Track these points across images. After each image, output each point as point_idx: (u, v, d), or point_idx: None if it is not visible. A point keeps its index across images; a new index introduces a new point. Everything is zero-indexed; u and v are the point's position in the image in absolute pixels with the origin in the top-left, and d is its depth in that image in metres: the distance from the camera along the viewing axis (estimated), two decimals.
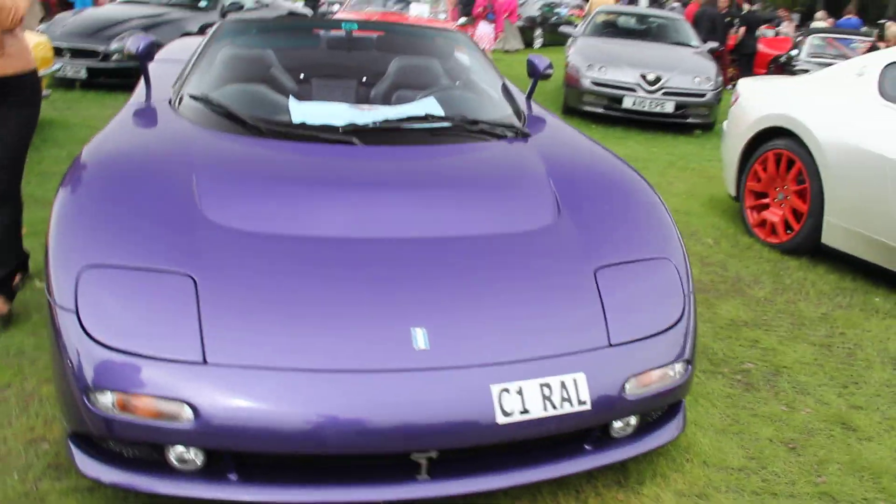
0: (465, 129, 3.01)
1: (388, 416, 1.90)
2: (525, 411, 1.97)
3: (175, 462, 1.94)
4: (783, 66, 10.73)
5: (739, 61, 11.91)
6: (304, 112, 3.01)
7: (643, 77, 8.01)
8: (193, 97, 3.05)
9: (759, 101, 4.86)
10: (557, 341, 2.12)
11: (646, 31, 9.81)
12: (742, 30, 11.75)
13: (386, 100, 3.41)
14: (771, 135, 4.67)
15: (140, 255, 2.11)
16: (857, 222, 4.07)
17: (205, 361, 1.90)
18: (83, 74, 7.90)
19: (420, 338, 2.02)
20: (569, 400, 2.02)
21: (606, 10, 10.49)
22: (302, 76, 3.47)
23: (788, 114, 4.48)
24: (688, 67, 8.19)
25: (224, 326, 1.96)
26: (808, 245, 4.41)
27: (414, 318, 2.07)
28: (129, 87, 3.70)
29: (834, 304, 3.93)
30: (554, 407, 2.00)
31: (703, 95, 8.06)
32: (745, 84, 5.23)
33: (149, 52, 3.31)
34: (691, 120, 8.16)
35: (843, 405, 2.95)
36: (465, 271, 2.26)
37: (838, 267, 4.40)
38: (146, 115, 3.03)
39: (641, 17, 10.30)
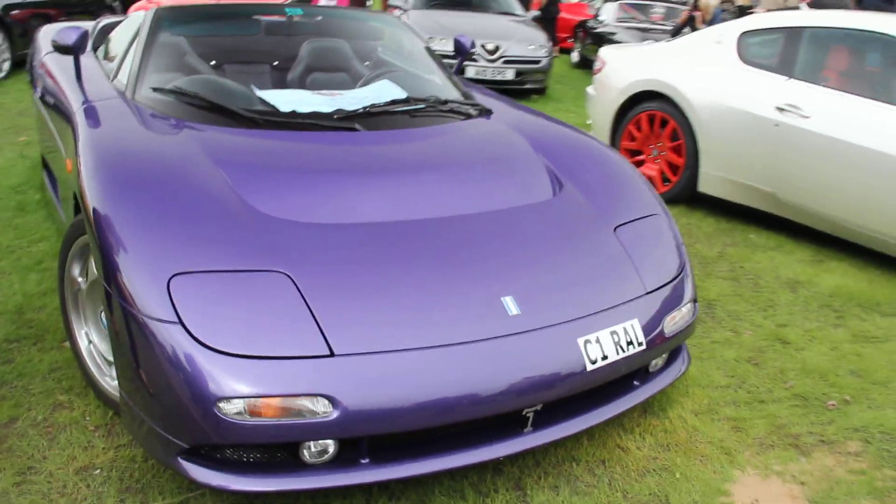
0: (437, 109, 3.14)
1: (502, 379, 2.06)
2: (605, 357, 2.22)
3: (308, 457, 1.96)
4: (589, 31, 11.68)
5: (543, 27, 12.72)
6: (277, 100, 2.98)
7: (483, 47, 8.40)
8: (158, 90, 2.91)
9: (627, 67, 5.40)
10: (611, 293, 2.38)
11: (471, 1, 10.21)
12: None
13: (340, 84, 3.42)
14: (641, 98, 5.23)
15: (222, 258, 2.05)
16: (729, 171, 4.73)
17: (332, 353, 1.93)
18: None
19: (511, 305, 2.18)
20: (631, 342, 2.30)
21: None
22: (248, 63, 3.37)
23: (660, 78, 5.04)
24: (522, 36, 8.72)
25: (338, 317, 2.00)
26: (685, 194, 5.04)
27: (501, 288, 2.22)
28: None
29: (722, 243, 4.57)
30: (623, 350, 2.27)
31: (538, 62, 8.64)
32: (608, 52, 5.77)
33: (82, 44, 3.10)
34: (528, 86, 8.72)
35: (772, 325, 3.52)
36: (516, 241, 2.44)
37: (712, 212, 5.08)
38: (117, 112, 2.82)
39: None
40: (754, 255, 4.39)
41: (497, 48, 8.46)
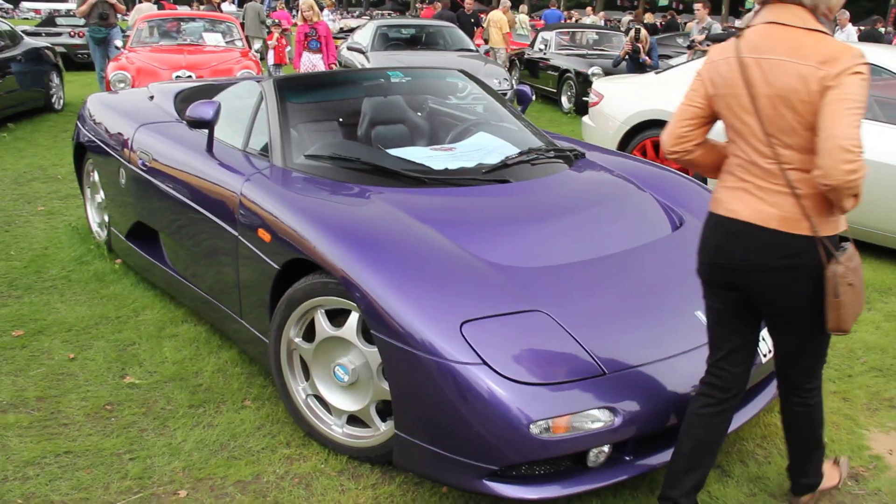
0: (548, 157, 3.53)
1: None
2: (769, 352, 2.67)
3: (593, 461, 2.29)
4: (523, 61, 12.38)
5: None
6: (413, 157, 3.30)
7: None
8: (314, 157, 3.17)
9: (626, 99, 5.98)
10: None
11: (425, 40, 10.63)
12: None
13: (448, 139, 3.75)
14: (642, 127, 5.81)
15: (491, 304, 2.38)
16: None
17: (604, 372, 2.29)
18: None
19: (703, 317, 2.60)
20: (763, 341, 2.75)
21: (387, 23, 11.11)
22: (365, 124, 3.65)
23: (662, 108, 5.64)
24: (486, 72, 9.21)
25: (597, 341, 2.37)
26: None
27: (692, 305, 2.64)
28: None
29: None
30: (769, 347, 2.72)
31: (505, 94, 9.14)
32: (603, 86, 6.34)
33: (217, 118, 3.32)
34: None
35: None
36: (678, 266, 2.86)
37: None
38: (289, 180, 3.06)
39: (419, 27, 11.09)
40: None
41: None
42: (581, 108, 10.05)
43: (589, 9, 22.38)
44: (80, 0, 9.95)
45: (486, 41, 12.64)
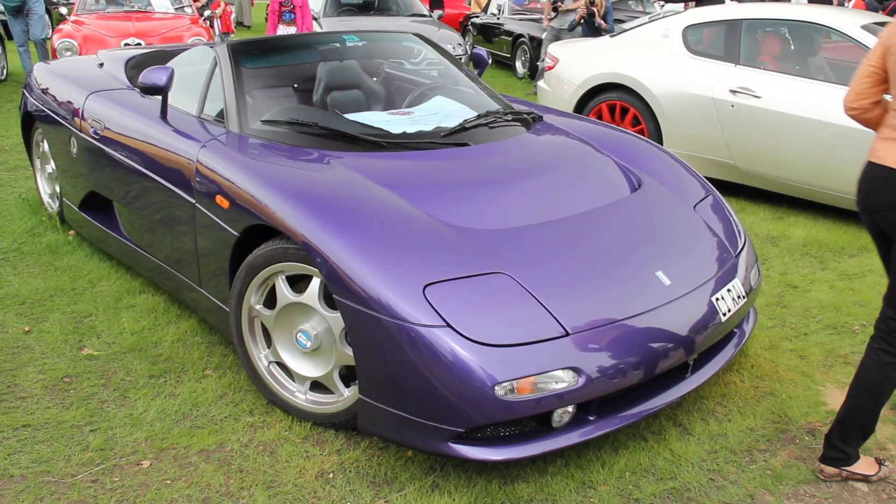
0: (506, 120, 3.52)
1: (680, 335, 2.53)
2: (728, 311, 2.73)
3: (557, 422, 2.34)
4: (476, 25, 12.28)
5: None
6: (371, 122, 3.27)
7: None
8: (271, 122, 3.13)
9: (581, 63, 5.98)
10: (717, 259, 2.91)
11: (378, 5, 10.45)
12: None
13: (405, 103, 3.72)
14: (598, 91, 5.83)
15: (452, 266, 2.38)
16: (690, 148, 5.42)
17: (567, 333, 2.32)
18: None
19: (663, 277, 2.65)
20: (739, 296, 2.83)
21: None
22: (321, 89, 3.59)
23: (620, 71, 5.67)
24: (441, 37, 9.11)
25: (560, 302, 2.39)
26: None
27: (652, 265, 2.68)
28: None
29: None
30: (736, 302, 2.79)
31: (460, 59, 9.07)
32: (558, 50, 6.33)
33: (170, 84, 3.25)
34: None
35: (776, 274, 4.21)
36: (636, 226, 2.90)
37: None
38: (246, 146, 3.01)
39: None
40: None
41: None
42: (535, 74, 10.05)
43: None
44: None
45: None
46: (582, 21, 9.33)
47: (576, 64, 6.04)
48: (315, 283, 2.55)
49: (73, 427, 2.69)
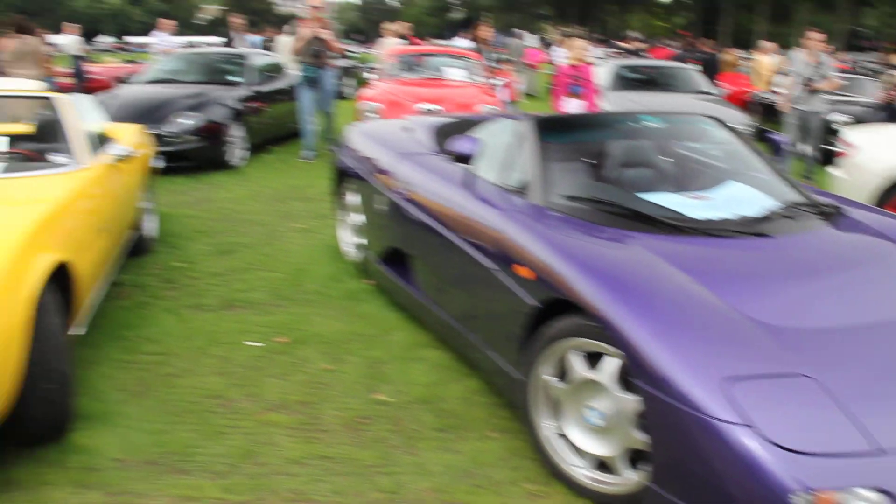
0: (809, 212, 3.31)
1: None
2: None
3: None
4: (769, 107, 11.82)
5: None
6: (667, 203, 3.23)
7: None
8: (573, 198, 3.22)
9: (888, 151, 5.49)
10: None
11: (661, 81, 10.51)
12: None
13: (691, 185, 3.65)
14: None
15: (754, 363, 2.30)
16: None
17: (880, 449, 2.09)
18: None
19: None
20: None
21: (625, 63, 11.19)
22: (616, 167, 3.66)
23: None
24: (727, 117, 8.84)
25: (872, 415, 2.18)
26: None
27: None
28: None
29: None
30: None
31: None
32: (857, 136, 5.88)
33: (477, 151, 3.47)
34: None
35: None
36: None
37: None
38: (547, 220, 3.13)
39: (656, 68, 11.03)
40: None
41: None
42: (823, 157, 9.34)
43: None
44: (298, 36, 9.38)
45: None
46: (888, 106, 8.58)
47: (882, 152, 5.55)
48: (611, 363, 2.55)
49: (366, 466, 2.90)
